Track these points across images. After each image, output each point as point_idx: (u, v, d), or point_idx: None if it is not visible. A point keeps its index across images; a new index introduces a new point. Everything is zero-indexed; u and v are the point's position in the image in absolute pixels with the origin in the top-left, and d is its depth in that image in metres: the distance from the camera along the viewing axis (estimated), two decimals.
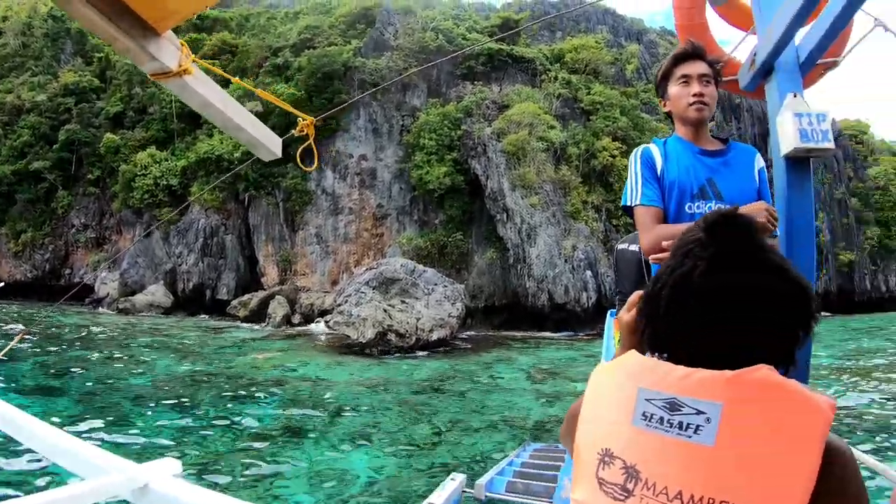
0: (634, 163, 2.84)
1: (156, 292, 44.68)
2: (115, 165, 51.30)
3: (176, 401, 15.45)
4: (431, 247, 42.06)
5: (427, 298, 30.60)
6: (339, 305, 30.07)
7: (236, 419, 13.99)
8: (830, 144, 2.90)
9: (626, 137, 43.89)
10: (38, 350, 22.23)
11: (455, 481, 4.19)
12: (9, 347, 4.51)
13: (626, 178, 2.91)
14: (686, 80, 2.77)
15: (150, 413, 13.98)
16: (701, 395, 1.05)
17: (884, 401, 15.72)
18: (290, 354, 25.84)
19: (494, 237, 41.42)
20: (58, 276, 53.17)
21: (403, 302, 29.80)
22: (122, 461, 1.92)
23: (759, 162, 2.90)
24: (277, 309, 39.42)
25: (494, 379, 20.77)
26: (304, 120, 3.01)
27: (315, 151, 3.34)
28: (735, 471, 0.99)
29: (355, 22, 53.06)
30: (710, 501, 1.00)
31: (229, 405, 15.43)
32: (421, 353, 27.24)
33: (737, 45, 4.26)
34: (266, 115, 44.19)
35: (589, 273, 37.73)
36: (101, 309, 44.57)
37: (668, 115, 2.94)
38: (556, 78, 48.34)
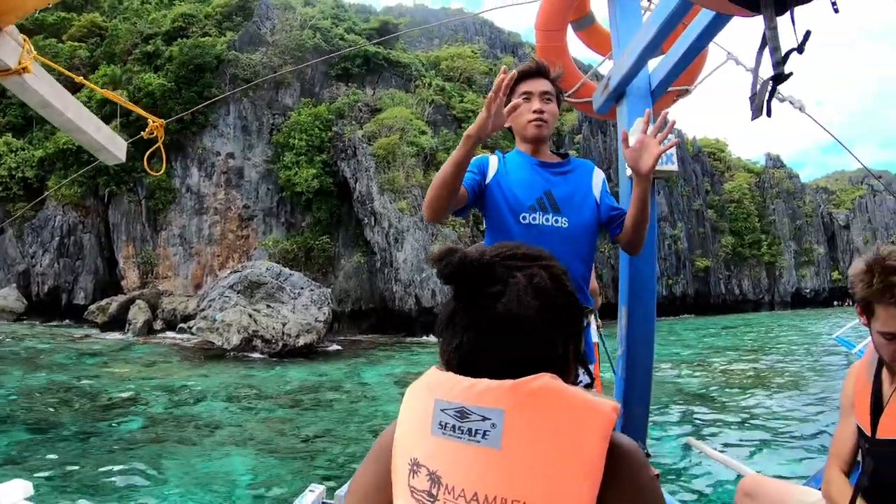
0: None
1: (7, 296, 41.21)
2: None
3: (27, 417, 14.42)
4: (298, 250, 41.52)
5: (293, 303, 30.01)
6: (203, 310, 29.12)
7: (94, 434, 13.15)
8: (674, 167, 3.08)
9: (496, 146, 44.35)
10: None
11: (314, 493, 3.96)
12: None
13: None
14: (528, 96, 2.76)
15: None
16: (485, 403, 1.08)
17: (730, 390, 16.80)
18: (153, 363, 24.54)
19: (362, 241, 41.31)
20: None
21: (269, 307, 29.15)
22: None
23: (599, 174, 2.90)
24: (138, 314, 37.17)
25: (362, 386, 20.47)
26: (153, 122, 2.93)
27: (164, 155, 3.26)
28: (523, 472, 1.04)
29: (232, 13, 51.28)
30: (504, 501, 1.04)
31: (86, 420, 14.47)
32: (288, 360, 26.61)
33: (594, 69, 4.46)
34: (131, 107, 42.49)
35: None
36: None
37: (510, 130, 2.90)
38: (430, 84, 48.70)
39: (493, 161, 2.84)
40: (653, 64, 3.33)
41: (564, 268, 1.25)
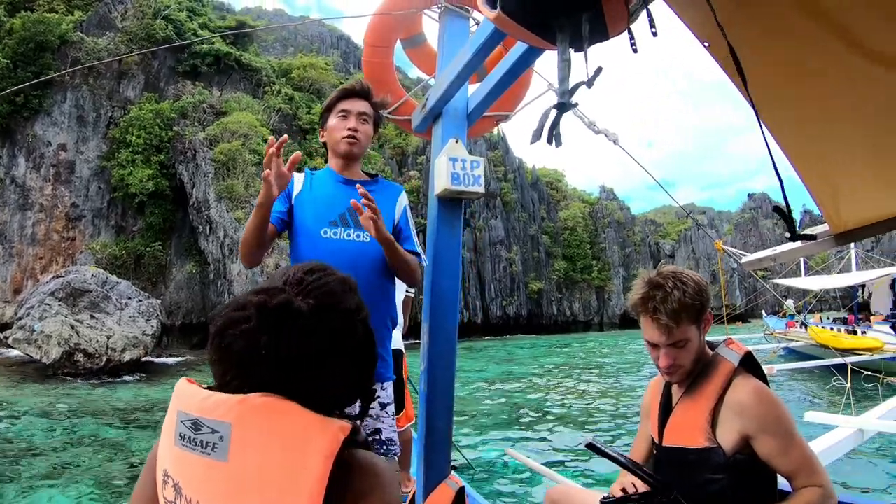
0: None
1: None
2: None
3: None
4: (127, 256, 39.87)
5: (119, 314, 28.50)
6: (21, 319, 26.83)
7: None
8: (480, 189, 3.17)
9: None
10: None
11: None
12: None
13: None
14: (345, 114, 2.85)
15: None
16: (215, 416, 1.10)
17: (556, 404, 17.64)
18: None
19: (195, 250, 40.25)
20: None
21: (93, 317, 27.55)
22: None
23: (404, 199, 2.98)
24: None
25: None
26: None
27: None
28: (247, 485, 1.06)
29: None
30: None
31: None
32: (113, 377, 25.41)
33: (416, 88, 4.64)
34: None
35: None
36: None
37: (325, 146, 2.98)
38: (279, 92, 48.32)
39: (299, 180, 2.87)
40: (475, 87, 3.43)
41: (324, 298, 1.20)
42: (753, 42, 1.52)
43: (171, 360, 30.91)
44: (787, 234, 1.52)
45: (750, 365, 2.14)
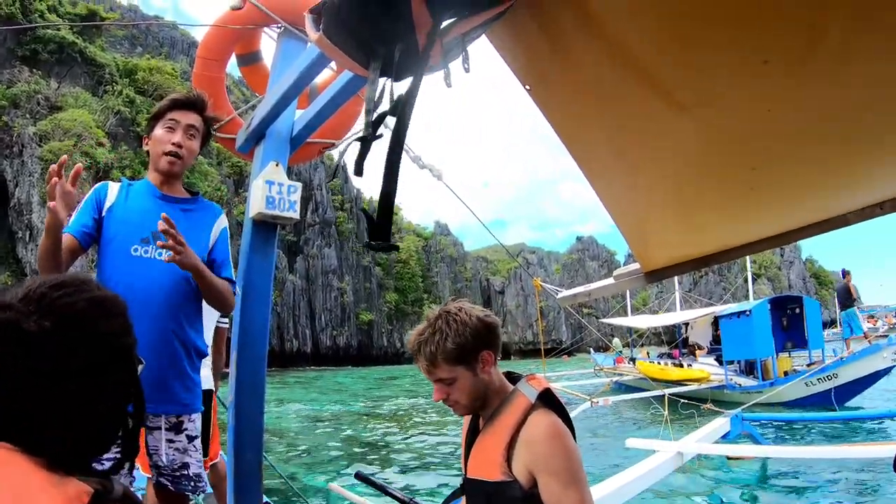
0: (87, 194, 2.69)
1: None
2: None
3: None
4: None
5: None
6: None
7: None
8: (295, 214, 3.08)
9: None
10: None
11: None
12: None
13: None
14: (172, 127, 2.71)
15: None
16: None
17: (389, 435, 17.62)
18: None
19: (13, 258, 38.17)
20: None
21: None
22: None
23: (222, 222, 2.88)
24: None
25: None
26: None
27: None
28: None
29: None
30: None
31: None
32: None
33: (245, 107, 4.47)
34: None
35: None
36: None
37: (148, 154, 2.81)
38: (120, 93, 46.73)
39: (113, 190, 2.71)
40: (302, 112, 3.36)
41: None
42: (566, 92, 1.58)
43: None
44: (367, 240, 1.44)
45: (549, 401, 2.09)
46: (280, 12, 3.52)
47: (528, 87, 1.55)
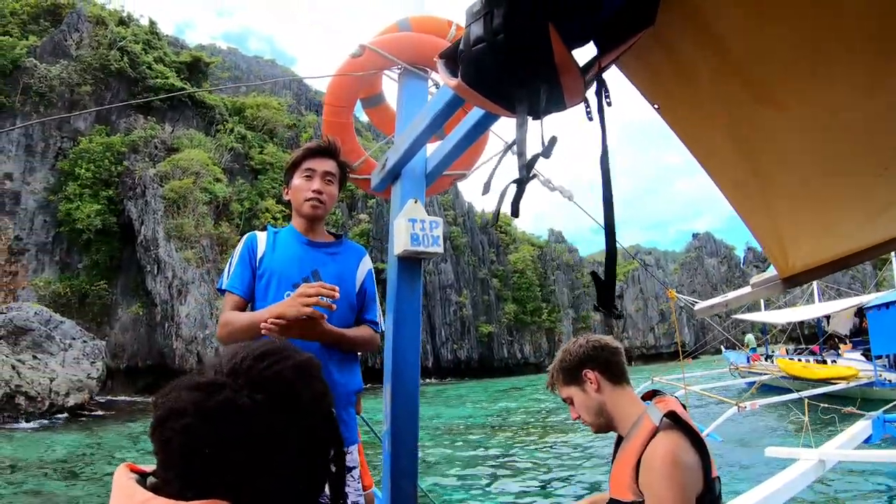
0: (238, 247, 2.78)
1: None
2: None
3: None
4: (71, 294, 38.74)
5: (63, 355, 27.67)
6: None
7: None
8: (439, 249, 3.09)
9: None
10: None
11: None
12: None
13: None
14: (310, 174, 2.79)
15: None
16: None
17: (531, 450, 17.27)
18: None
19: (142, 290, 39.35)
20: None
21: (36, 357, 26.73)
22: None
23: (367, 263, 2.97)
24: None
25: (145, 456, 17.78)
26: None
27: None
28: None
29: (40, 16, 47.36)
30: None
31: None
32: (56, 422, 24.25)
33: (375, 149, 4.51)
34: None
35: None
36: None
37: (289, 204, 2.90)
38: (232, 130, 48.10)
39: (262, 240, 2.80)
40: (433, 147, 3.35)
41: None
42: (693, 107, 1.62)
43: (113, 406, 29.84)
44: (595, 305, 1.48)
45: (677, 422, 2.12)
46: (398, 54, 3.63)
47: (656, 105, 1.61)
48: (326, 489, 1.19)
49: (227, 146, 46.62)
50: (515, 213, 1.52)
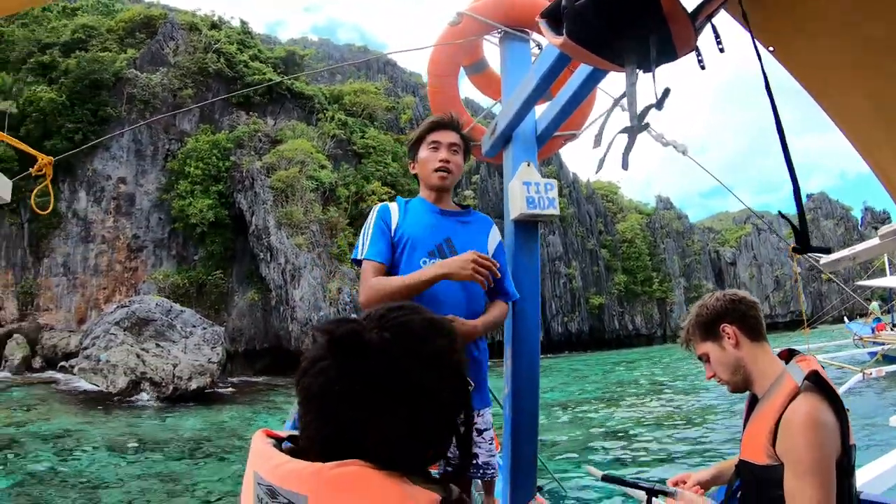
0: (370, 217, 2.84)
1: None
2: None
3: None
4: (189, 285, 39.92)
5: (185, 342, 28.56)
6: (86, 349, 27.33)
7: None
8: (555, 211, 3.12)
9: (396, 183, 44.65)
10: None
11: None
12: None
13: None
14: (436, 146, 2.85)
15: None
16: (290, 486, 1.01)
17: (649, 423, 17.19)
18: (30, 407, 22.86)
19: (257, 277, 40.18)
20: None
21: (159, 345, 27.62)
22: None
23: (496, 234, 2.97)
24: (16, 350, 34.84)
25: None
26: (42, 159, 2.77)
27: (52, 194, 3.15)
28: None
29: (136, 30, 49.00)
30: None
31: None
32: (179, 405, 25.09)
33: (483, 113, 4.57)
34: (20, 120, 39.75)
35: (354, 317, 37.21)
36: None
37: (416, 178, 3.00)
38: (332, 118, 48.33)
39: (395, 210, 2.86)
40: (541, 108, 3.41)
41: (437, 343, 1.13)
42: (813, 46, 1.49)
43: (226, 391, 30.53)
44: (793, 245, 1.46)
45: (819, 384, 2.03)
46: (497, 18, 3.60)
47: (770, 48, 1.54)
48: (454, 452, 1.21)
49: (329, 133, 46.84)
50: (625, 164, 1.56)
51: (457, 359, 1.15)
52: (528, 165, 3.15)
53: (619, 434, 15.87)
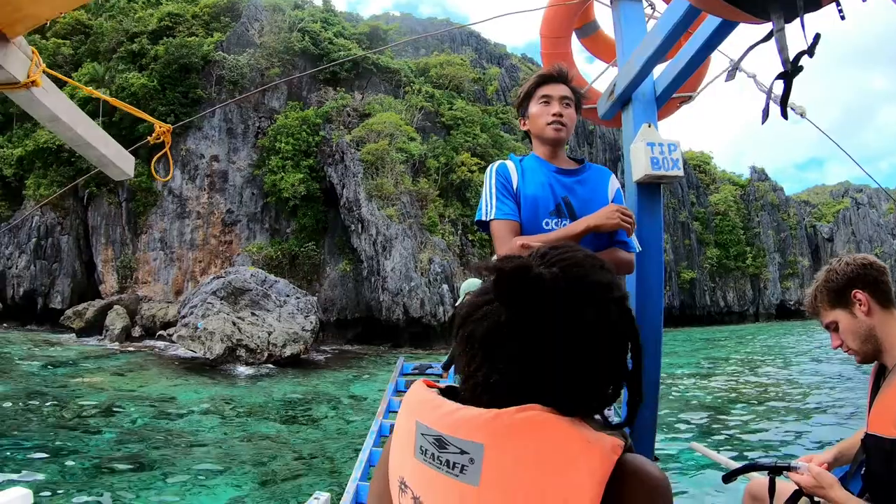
0: (490, 178, 2.77)
1: None
2: None
3: None
4: (282, 257, 40.54)
5: (279, 311, 29.25)
6: (185, 317, 28.02)
7: (63, 452, 12.26)
8: (679, 172, 3.08)
9: (485, 154, 44.13)
10: None
11: (319, 500, 3.85)
12: None
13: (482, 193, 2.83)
14: (547, 100, 2.76)
15: None
16: (463, 435, 0.98)
17: (734, 398, 17.34)
18: (130, 373, 23.73)
19: (348, 248, 40.45)
20: None
21: (254, 314, 28.34)
22: None
23: (615, 183, 2.86)
24: (116, 320, 36.19)
25: (354, 399, 19.72)
26: (160, 127, 2.78)
27: (171, 161, 3.15)
28: None
29: (220, 14, 49.99)
30: None
31: (55, 435, 13.58)
32: (273, 371, 25.81)
33: (598, 76, 4.41)
34: (114, 106, 41.60)
35: (445, 287, 37.25)
36: None
37: (527, 135, 2.90)
38: (419, 90, 48.10)
39: (513, 169, 2.78)
40: (656, 71, 3.34)
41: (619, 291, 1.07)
42: None
43: (318, 358, 31.26)
44: None
45: None
46: None
47: None
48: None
49: (416, 106, 46.61)
50: (784, 113, 1.58)
51: (623, 292, 1.09)
52: (650, 127, 3.11)
53: (713, 409, 15.87)
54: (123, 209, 42.61)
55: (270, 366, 26.40)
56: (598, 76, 4.45)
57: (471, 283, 7.13)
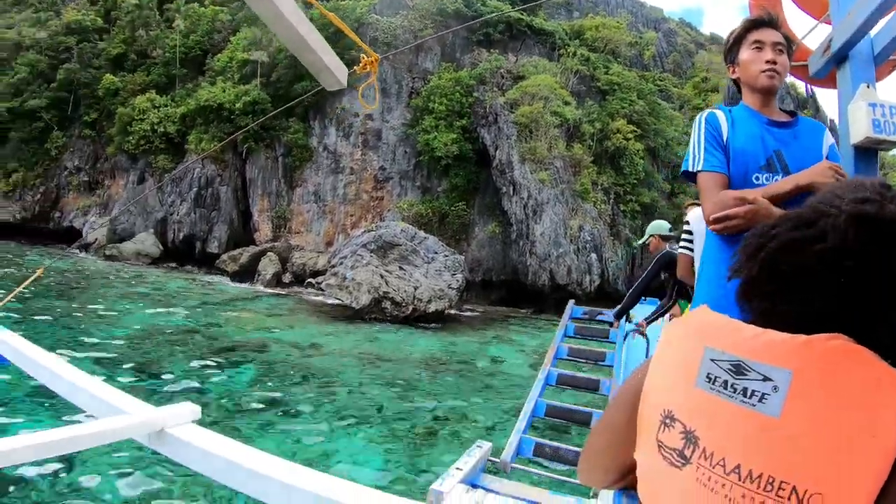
0: (698, 127, 2.57)
1: (145, 241, 43.54)
2: (112, 108, 49.92)
3: (141, 360, 14.11)
4: (432, 214, 40.68)
5: (427, 267, 29.45)
6: (334, 267, 28.74)
7: (208, 386, 12.69)
8: None
9: (642, 122, 42.62)
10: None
11: (481, 448, 3.67)
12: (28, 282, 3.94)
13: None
14: (759, 46, 2.52)
15: (109, 374, 12.42)
16: (769, 360, 0.91)
17: None
18: (278, 315, 24.66)
19: (498, 210, 40.01)
20: (46, 219, 51.75)
21: (402, 269, 28.65)
22: (139, 403, 2.01)
23: (829, 138, 2.56)
24: (268, 266, 38.16)
25: (495, 361, 19.49)
26: (368, 56, 2.78)
27: (377, 89, 3.03)
28: (801, 448, 0.87)
29: None
30: (770, 480, 0.88)
31: (202, 368, 14.13)
32: (416, 325, 26.07)
33: (808, 32, 4.14)
34: (272, 67, 43.03)
35: (594, 256, 36.33)
36: (83, 254, 43.20)
37: (735, 83, 2.68)
38: (574, 54, 46.68)
39: (722, 119, 2.55)
40: (874, 29, 3.04)
41: None
42: None
43: (462, 315, 31.55)
44: None
45: None
46: None
47: None
48: None
49: (571, 69, 45.40)
50: None
51: None
52: (868, 87, 2.88)
53: None
54: (279, 163, 44.46)
55: (413, 319, 26.74)
56: (808, 32, 4.15)
57: (659, 225, 6.86)
